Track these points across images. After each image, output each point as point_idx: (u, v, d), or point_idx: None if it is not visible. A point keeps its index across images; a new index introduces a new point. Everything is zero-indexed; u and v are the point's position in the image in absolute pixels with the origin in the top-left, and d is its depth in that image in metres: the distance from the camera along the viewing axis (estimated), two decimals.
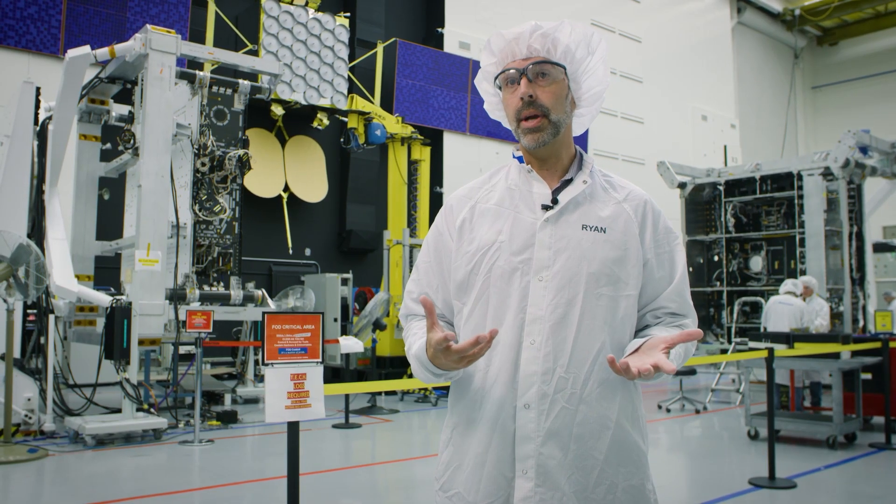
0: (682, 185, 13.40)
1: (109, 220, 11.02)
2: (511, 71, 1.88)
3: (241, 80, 9.79)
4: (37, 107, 9.02)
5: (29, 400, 8.05)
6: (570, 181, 1.90)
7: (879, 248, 17.05)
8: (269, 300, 9.79)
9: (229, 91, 9.70)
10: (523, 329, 1.79)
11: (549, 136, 1.86)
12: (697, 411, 10.30)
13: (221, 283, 9.64)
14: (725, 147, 23.33)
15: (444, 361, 1.72)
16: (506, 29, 1.93)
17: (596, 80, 1.94)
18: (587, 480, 1.76)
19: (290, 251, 14.87)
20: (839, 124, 25.23)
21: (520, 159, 1.97)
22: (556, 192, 1.88)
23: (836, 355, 7.88)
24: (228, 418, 9.09)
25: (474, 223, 1.91)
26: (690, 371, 10.81)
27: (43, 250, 8.61)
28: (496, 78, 1.94)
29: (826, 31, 30.30)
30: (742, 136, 26.54)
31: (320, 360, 3.67)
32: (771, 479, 6.28)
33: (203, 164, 9.24)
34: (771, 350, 6.46)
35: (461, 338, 1.89)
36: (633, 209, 1.91)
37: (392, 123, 13.85)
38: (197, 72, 9.51)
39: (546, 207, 1.85)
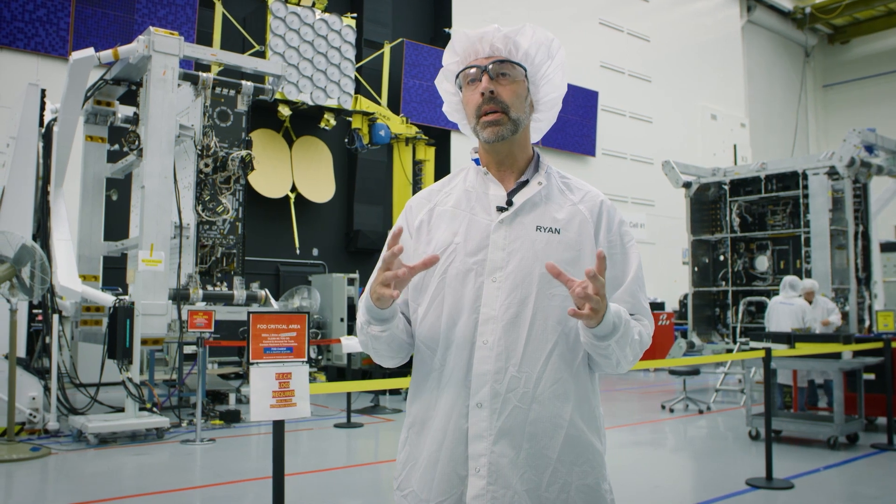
0: (687, 185, 13.35)
1: (118, 220, 11.11)
2: (472, 69, 1.90)
3: (243, 82, 9.85)
4: (42, 108, 9.11)
5: (33, 399, 8.14)
6: (525, 183, 1.92)
7: (888, 247, 16.91)
8: (273, 300, 9.84)
9: (232, 92, 9.75)
10: (477, 329, 1.81)
11: (507, 132, 1.88)
12: (701, 411, 10.27)
13: (225, 284, 9.70)
14: (735, 146, 23.22)
15: (377, 283, 1.76)
16: (474, 29, 1.96)
17: (553, 86, 1.98)
18: (540, 479, 1.77)
19: (298, 251, 14.94)
20: (851, 123, 25.05)
21: (477, 161, 1.99)
22: (511, 193, 1.90)
23: (838, 355, 7.85)
24: (231, 417, 9.15)
25: (432, 225, 1.94)
26: (694, 371, 10.79)
27: (48, 251, 8.70)
28: (457, 77, 1.96)
29: (837, 29, 30.10)
30: (752, 135, 26.44)
31: (306, 359, 3.71)
32: (768, 480, 6.27)
33: (206, 165, 9.30)
34: (768, 350, 6.44)
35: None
36: (588, 210, 1.93)
37: (396, 124, 13.88)
38: (200, 73, 9.57)
39: (501, 209, 1.88)
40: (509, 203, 1.88)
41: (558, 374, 1.80)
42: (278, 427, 3.63)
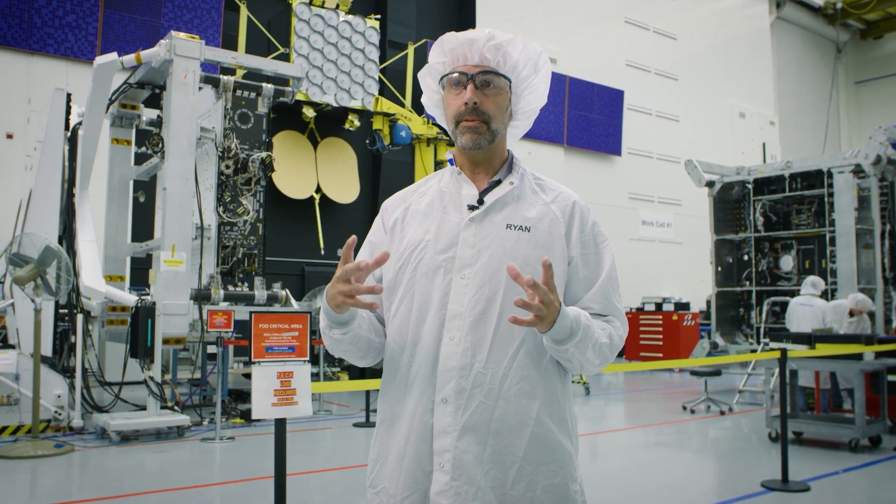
0: (710, 184, 13.24)
1: (146, 221, 11.30)
2: (457, 74, 1.92)
3: (264, 84, 9.95)
4: (68, 112, 9.30)
5: (59, 397, 8.31)
6: (498, 183, 1.95)
7: None
8: (293, 300, 9.94)
9: (253, 95, 9.86)
10: (444, 325, 1.83)
11: (485, 141, 1.92)
12: (723, 413, 10.18)
13: (246, 284, 9.81)
14: (764, 145, 22.97)
15: (335, 293, 1.75)
16: (461, 32, 1.97)
17: (535, 97, 2.01)
18: (505, 476, 1.79)
19: (323, 251, 15.04)
20: (884, 120, 24.64)
21: (451, 162, 2.03)
22: (483, 193, 1.93)
23: (860, 356, 7.74)
24: (252, 416, 9.25)
25: (406, 224, 1.98)
26: (715, 372, 10.69)
27: (74, 252, 8.89)
28: (442, 77, 1.98)
29: (870, 25, 29.60)
30: (782, 133, 26.11)
31: (307, 358, 3.76)
32: (784, 482, 6.21)
33: (227, 167, 9.42)
34: (784, 351, 6.37)
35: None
36: (560, 210, 1.95)
37: (418, 124, 13.92)
38: (221, 76, 9.70)
39: (472, 208, 1.91)
40: (480, 202, 1.91)
41: (525, 372, 1.82)
42: (280, 425, 3.69)
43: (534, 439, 1.81)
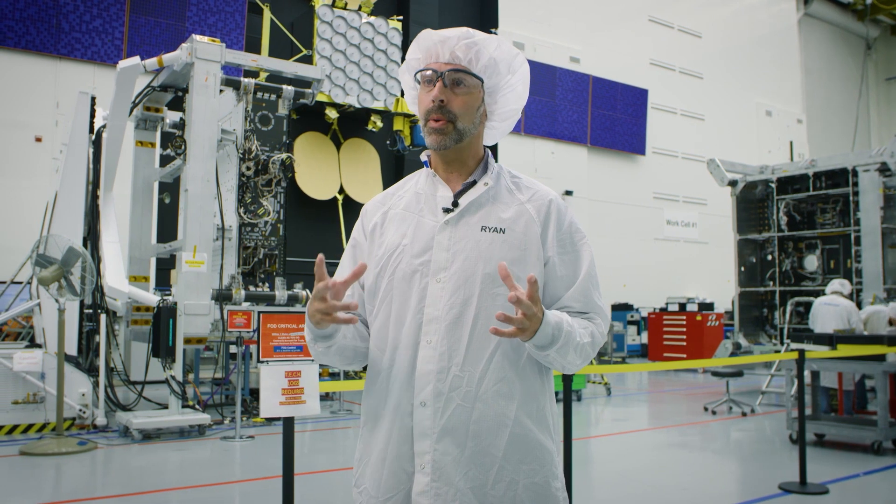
0: (732, 183, 13.11)
1: (171, 223, 11.45)
2: (429, 72, 1.92)
3: (284, 86, 10.03)
4: (92, 115, 9.45)
5: (83, 395, 8.46)
6: (473, 184, 1.95)
7: None
8: None
9: (274, 97, 9.95)
10: (421, 329, 1.84)
11: (450, 142, 1.91)
12: (744, 414, 10.09)
13: (267, 284, 9.91)
14: (791, 143, 22.70)
15: (313, 311, 1.79)
16: (442, 29, 1.98)
17: (515, 97, 2.00)
18: (485, 477, 1.80)
19: None
20: None
21: (426, 164, 2.04)
22: (458, 195, 1.93)
23: (882, 357, 7.64)
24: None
25: (385, 228, 1.99)
26: (737, 373, 10.60)
27: (98, 253, 9.04)
28: (416, 73, 1.99)
29: None
30: (809, 131, 25.79)
31: (314, 358, 3.80)
32: (802, 485, 6.15)
33: (248, 169, 9.51)
34: (801, 352, 6.31)
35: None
36: (535, 210, 1.94)
37: None
38: (241, 79, 9.79)
39: (447, 210, 1.91)
40: (455, 204, 1.92)
41: (502, 374, 1.83)
42: (288, 424, 3.73)
43: (513, 439, 1.82)
